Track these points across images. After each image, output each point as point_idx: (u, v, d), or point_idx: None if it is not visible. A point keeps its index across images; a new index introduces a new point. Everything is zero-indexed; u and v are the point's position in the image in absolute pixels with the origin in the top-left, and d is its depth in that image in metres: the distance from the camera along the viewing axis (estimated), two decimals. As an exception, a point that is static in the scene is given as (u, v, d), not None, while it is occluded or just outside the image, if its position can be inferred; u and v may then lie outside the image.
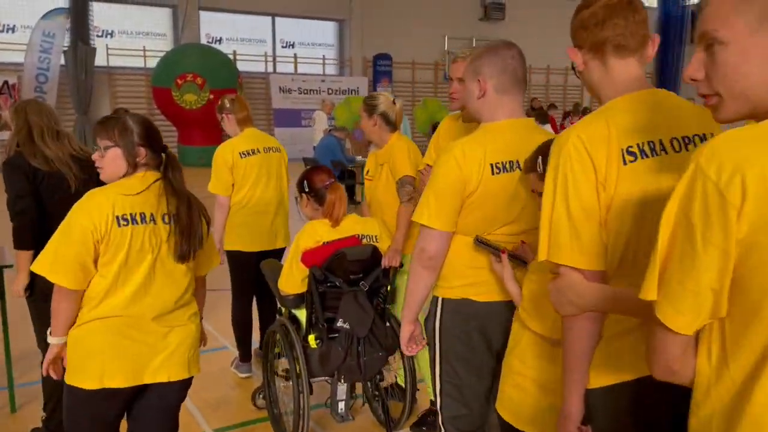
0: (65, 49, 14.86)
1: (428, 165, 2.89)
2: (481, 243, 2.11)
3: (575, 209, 1.43)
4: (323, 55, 19.03)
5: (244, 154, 3.90)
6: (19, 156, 3.02)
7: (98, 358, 2.13)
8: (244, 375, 4.12)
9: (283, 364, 3.37)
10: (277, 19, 18.42)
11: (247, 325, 4.14)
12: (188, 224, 2.22)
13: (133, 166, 2.21)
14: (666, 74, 22.71)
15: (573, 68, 1.69)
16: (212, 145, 16.06)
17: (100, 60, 15.66)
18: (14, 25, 15.23)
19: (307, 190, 3.03)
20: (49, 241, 2.12)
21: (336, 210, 2.97)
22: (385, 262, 3.04)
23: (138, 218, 2.14)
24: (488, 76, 2.12)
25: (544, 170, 1.99)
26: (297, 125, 17.07)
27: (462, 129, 2.77)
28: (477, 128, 2.62)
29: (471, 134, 2.18)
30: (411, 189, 3.14)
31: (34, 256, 2.29)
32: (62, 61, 14.86)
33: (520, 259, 2.09)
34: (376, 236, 3.10)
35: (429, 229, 2.11)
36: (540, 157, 1.99)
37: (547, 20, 19.48)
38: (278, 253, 4.09)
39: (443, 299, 2.26)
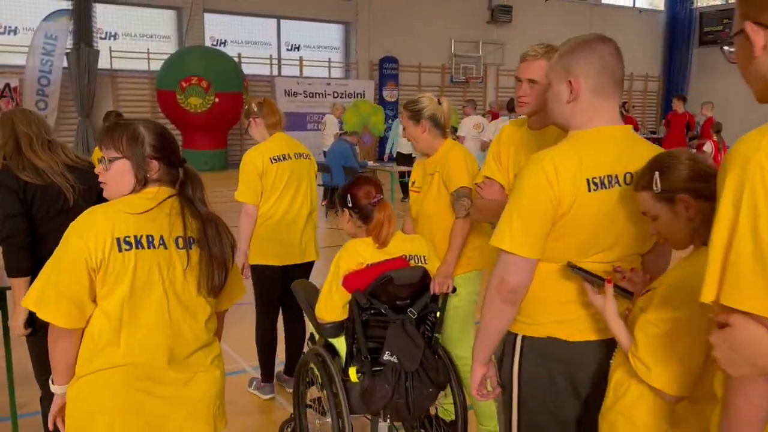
0: (68, 51, 14.52)
1: (487, 177, 2.56)
2: (578, 270, 1.78)
3: None
4: (329, 58, 18.72)
5: (274, 159, 3.62)
6: (6, 171, 2.67)
7: (105, 419, 1.76)
8: (267, 396, 3.85)
9: (312, 392, 3.05)
10: (283, 22, 18.11)
11: (272, 345, 3.85)
12: (221, 252, 1.89)
13: (142, 183, 1.86)
14: (673, 77, 22.76)
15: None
16: (217, 149, 15.83)
17: (103, 62, 15.31)
18: (16, 27, 14.87)
19: (350, 205, 2.68)
20: (43, 269, 1.77)
21: (384, 231, 2.63)
22: (434, 288, 2.70)
23: (144, 241, 1.78)
24: (583, 76, 1.80)
25: (662, 189, 1.67)
26: (303, 129, 16.74)
27: (528, 137, 2.44)
28: (546, 136, 2.30)
29: (560, 143, 1.84)
30: (468, 202, 2.79)
31: (32, 282, 1.94)
32: (65, 64, 14.52)
33: (626, 291, 1.77)
34: (424, 257, 2.75)
35: (511, 255, 1.77)
36: (657, 172, 1.67)
37: (554, 22, 19.20)
38: (307, 267, 3.81)
39: (524, 337, 1.93)
